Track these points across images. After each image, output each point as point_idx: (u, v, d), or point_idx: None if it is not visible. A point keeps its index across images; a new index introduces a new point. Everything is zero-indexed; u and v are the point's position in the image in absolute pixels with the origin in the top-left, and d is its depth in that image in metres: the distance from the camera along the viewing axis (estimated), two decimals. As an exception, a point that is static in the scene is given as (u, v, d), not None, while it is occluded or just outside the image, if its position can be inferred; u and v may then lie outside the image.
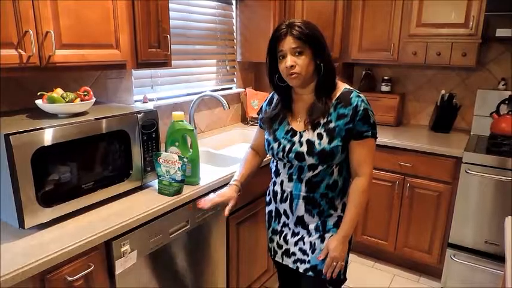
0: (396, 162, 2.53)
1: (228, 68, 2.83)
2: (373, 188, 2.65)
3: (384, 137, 2.57)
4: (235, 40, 2.86)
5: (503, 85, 2.66)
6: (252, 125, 2.89)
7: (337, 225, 1.42)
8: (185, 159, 1.55)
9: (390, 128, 2.88)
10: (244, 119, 3.00)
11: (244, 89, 2.94)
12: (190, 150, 1.66)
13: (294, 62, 1.30)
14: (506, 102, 2.60)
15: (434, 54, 2.54)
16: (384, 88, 3.01)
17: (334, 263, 1.38)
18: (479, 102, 2.71)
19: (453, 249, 2.41)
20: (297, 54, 1.30)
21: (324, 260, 1.41)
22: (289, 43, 1.29)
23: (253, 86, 3.04)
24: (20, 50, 1.25)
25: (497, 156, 2.20)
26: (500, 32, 2.32)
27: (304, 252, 1.47)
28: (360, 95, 1.35)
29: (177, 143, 1.64)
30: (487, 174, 2.22)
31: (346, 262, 1.46)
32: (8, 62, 1.22)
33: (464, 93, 2.82)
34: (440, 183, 2.42)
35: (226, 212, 1.52)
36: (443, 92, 2.80)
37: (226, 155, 2.24)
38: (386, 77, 3.01)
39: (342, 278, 1.45)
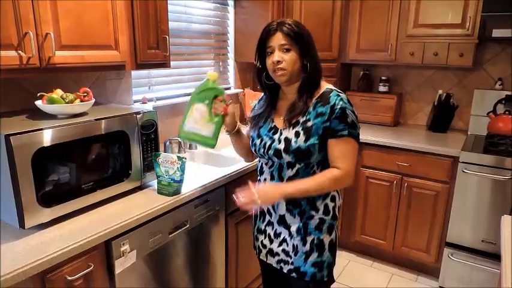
0: (394, 162, 2.54)
1: (221, 68, 2.83)
2: (372, 188, 2.67)
3: (382, 137, 2.59)
4: (230, 41, 2.86)
5: (499, 85, 2.67)
6: (250, 125, 2.89)
7: (318, 228, 1.41)
8: (184, 159, 1.56)
9: (388, 128, 2.90)
10: (243, 120, 3.00)
11: (242, 90, 2.95)
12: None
13: (281, 58, 1.31)
14: (503, 102, 2.62)
15: (432, 55, 2.55)
16: (382, 88, 3.02)
17: (248, 200, 1.31)
18: (476, 102, 2.73)
19: (451, 248, 2.42)
20: (284, 50, 1.32)
21: (307, 261, 1.42)
22: (278, 39, 1.31)
23: (252, 87, 3.05)
24: (20, 52, 1.26)
25: (494, 156, 2.21)
26: (497, 33, 2.33)
27: (287, 253, 1.47)
28: (340, 94, 1.34)
29: (206, 101, 1.51)
30: (484, 174, 2.24)
31: (331, 264, 1.46)
32: (8, 63, 1.23)
33: (462, 93, 2.83)
34: (438, 182, 2.43)
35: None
36: (440, 92, 2.81)
37: (224, 155, 2.25)
38: (384, 77, 3.02)
39: (325, 279, 1.45)
